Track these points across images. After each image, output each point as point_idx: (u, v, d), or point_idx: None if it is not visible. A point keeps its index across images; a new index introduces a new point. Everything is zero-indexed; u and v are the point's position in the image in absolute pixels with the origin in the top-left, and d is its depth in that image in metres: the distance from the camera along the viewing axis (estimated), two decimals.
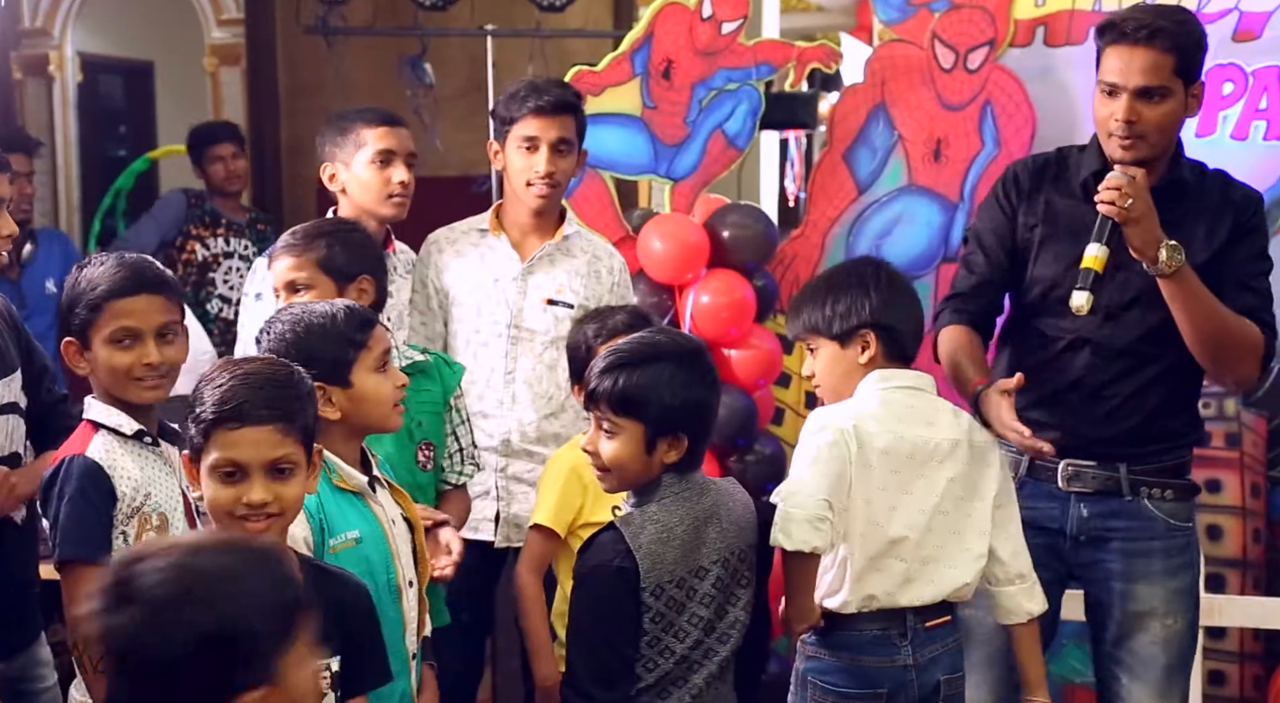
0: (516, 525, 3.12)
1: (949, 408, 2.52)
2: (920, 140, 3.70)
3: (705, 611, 2.28)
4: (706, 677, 2.30)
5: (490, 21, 5.45)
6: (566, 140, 3.13)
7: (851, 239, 3.74)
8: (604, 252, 3.30)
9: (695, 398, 2.30)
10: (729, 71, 3.69)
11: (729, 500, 2.35)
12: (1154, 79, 2.59)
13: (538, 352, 3.16)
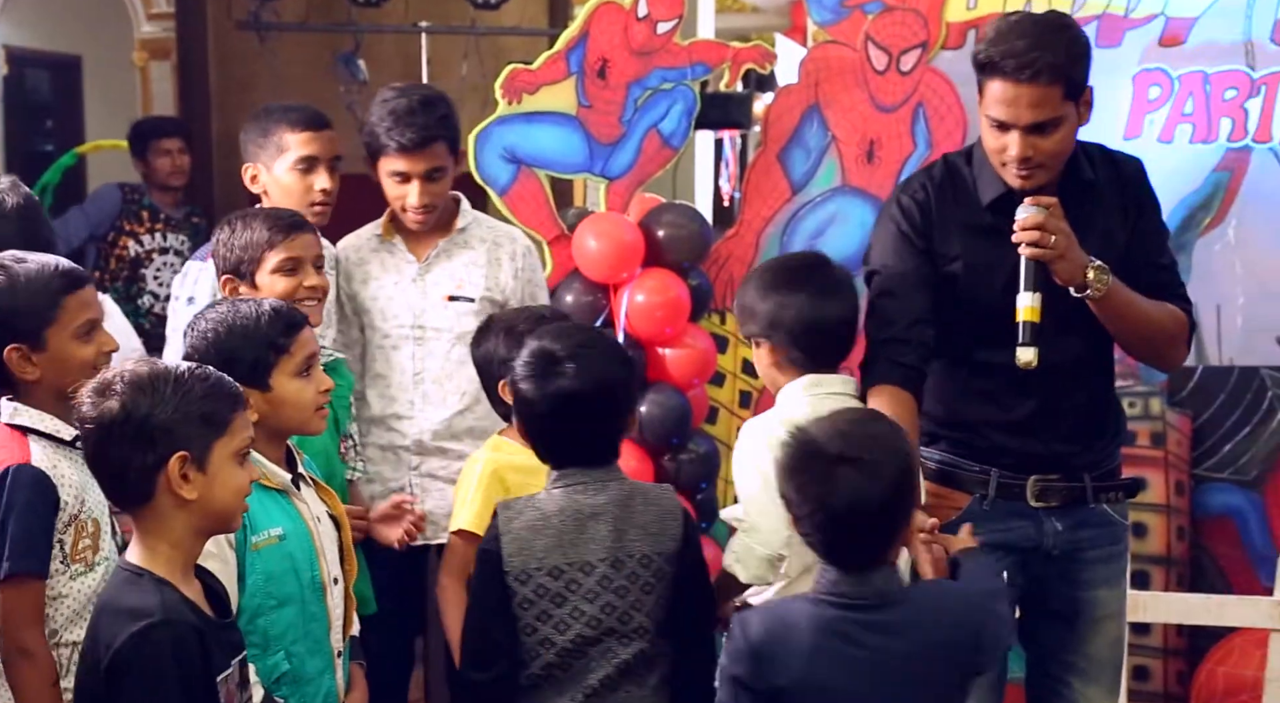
0: (432, 523, 3.13)
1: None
2: (854, 141, 3.72)
3: (590, 607, 2.30)
4: (604, 678, 2.32)
5: (424, 18, 5.43)
6: (438, 168, 3.13)
7: (785, 239, 3.76)
8: (505, 237, 3.29)
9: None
10: (664, 71, 3.69)
11: (640, 504, 2.34)
12: (1045, 114, 2.51)
13: (445, 350, 3.17)
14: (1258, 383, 3.56)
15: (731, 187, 6.94)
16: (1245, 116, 3.50)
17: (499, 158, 3.66)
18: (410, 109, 3.12)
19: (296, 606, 2.37)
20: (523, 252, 3.31)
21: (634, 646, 2.33)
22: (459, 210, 3.27)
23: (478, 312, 3.19)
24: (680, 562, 2.35)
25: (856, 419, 2.20)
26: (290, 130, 3.10)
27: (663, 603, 2.35)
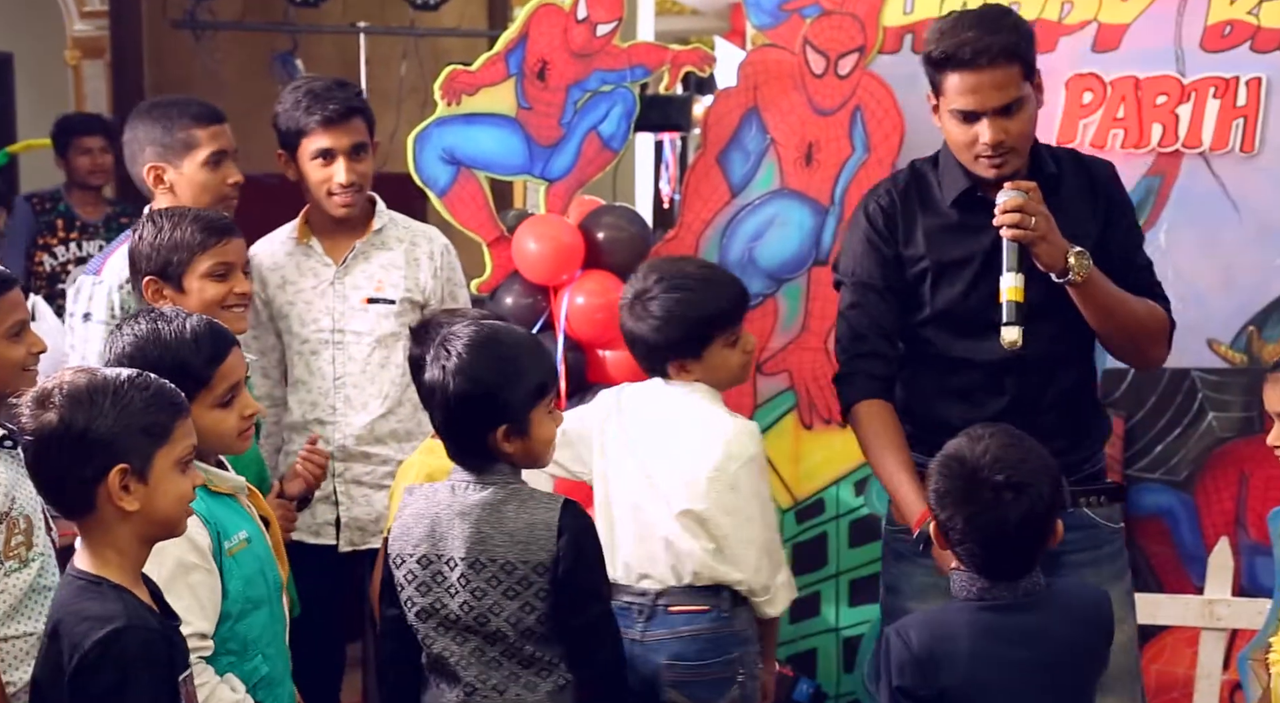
0: (360, 529, 3.12)
1: (692, 408, 2.73)
2: (792, 144, 3.74)
3: (451, 602, 2.34)
4: (478, 674, 2.34)
5: (363, 19, 5.41)
6: (361, 144, 3.12)
7: (725, 241, 3.78)
8: (422, 237, 3.29)
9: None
10: (604, 73, 3.69)
11: (513, 511, 2.32)
12: (1010, 94, 2.58)
13: (365, 354, 3.15)
14: (1188, 385, 3.62)
15: (671, 189, 6.96)
16: (1176, 122, 3.56)
17: (438, 159, 3.65)
18: (327, 87, 3.14)
19: (267, 607, 2.38)
20: (440, 250, 3.29)
21: (499, 647, 2.34)
22: (375, 211, 3.24)
23: (398, 313, 3.17)
24: (552, 575, 2.32)
25: (1005, 442, 2.28)
26: (197, 126, 3.05)
27: (536, 614, 2.33)
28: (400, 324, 3.19)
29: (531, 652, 2.35)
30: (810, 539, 3.79)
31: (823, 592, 3.80)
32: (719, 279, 2.79)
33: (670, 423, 2.66)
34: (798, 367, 3.81)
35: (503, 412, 2.33)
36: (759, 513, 2.68)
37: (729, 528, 2.61)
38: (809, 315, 3.79)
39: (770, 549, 2.66)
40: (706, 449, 2.62)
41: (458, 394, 2.32)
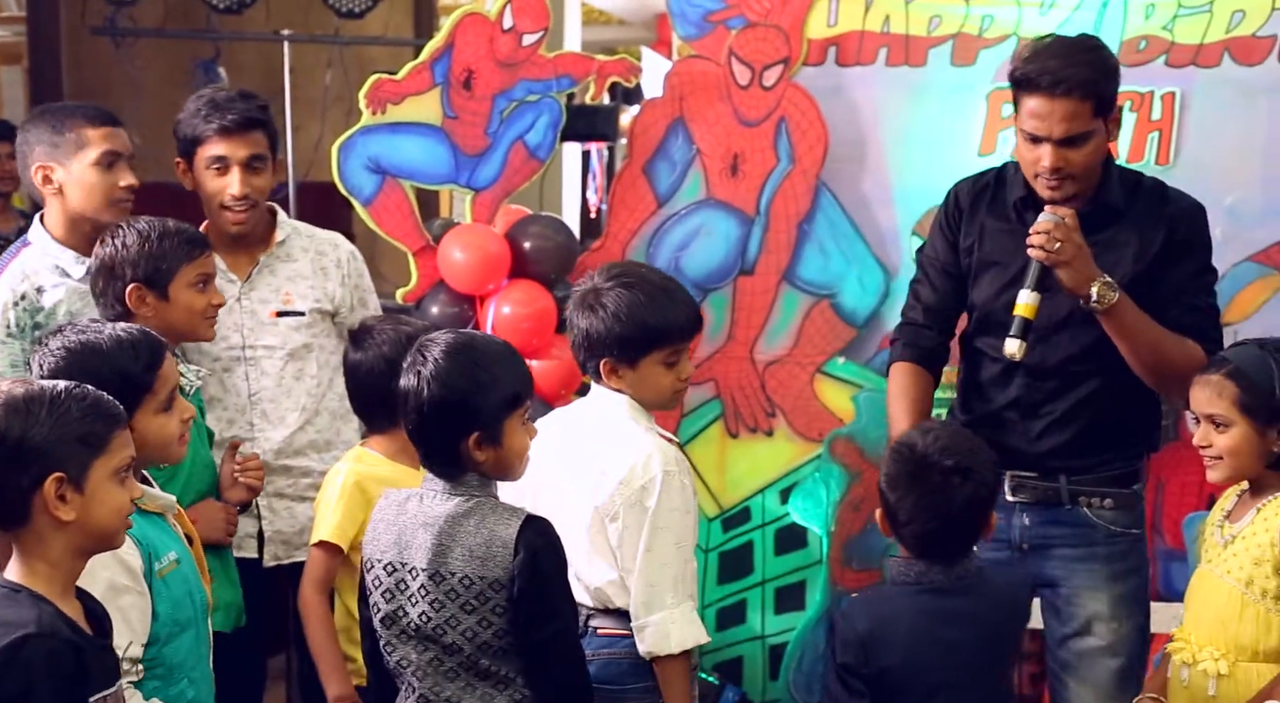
0: (284, 542, 3.09)
1: (610, 427, 2.63)
2: (718, 155, 3.77)
3: (413, 611, 2.34)
4: (433, 686, 2.35)
5: (287, 26, 5.36)
6: (259, 156, 3.08)
7: (651, 251, 3.79)
8: (328, 245, 3.26)
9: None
10: (530, 83, 3.69)
11: (474, 526, 2.31)
12: (1076, 128, 2.66)
13: (278, 368, 3.12)
14: None
15: (599, 199, 6.97)
16: None
17: (363, 168, 3.63)
18: (229, 97, 3.10)
19: (193, 630, 2.35)
20: (347, 257, 3.26)
21: (456, 659, 2.33)
22: (276, 223, 3.20)
23: (309, 324, 3.14)
24: (509, 592, 2.30)
25: (954, 432, 2.54)
26: (89, 126, 2.98)
27: (493, 629, 2.32)
28: (311, 335, 3.16)
29: (488, 666, 2.33)
30: (736, 548, 3.81)
31: (749, 600, 3.82)
32: (677, 294, 2.69)
33: (588, 438, 2.61)
34: (723, 376, 3.83)
35: (475, 419, 2.32)
36: (651, 540, 2.50)
37: (626, 550, 2.52)
38: (735, 325, 3.82)
39: (653, 582, 2.49)
40: (615, 468, 2.54)
41: (432, 400, 2.32)
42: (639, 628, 2.52)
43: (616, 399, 2.62)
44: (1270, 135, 3.56)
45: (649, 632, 2.52)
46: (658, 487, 2.51)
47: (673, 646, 2.51)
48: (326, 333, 3.21)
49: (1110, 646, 2.83)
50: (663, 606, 2.51)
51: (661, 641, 2.51)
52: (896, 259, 3.76)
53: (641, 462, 2.53)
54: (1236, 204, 3.58)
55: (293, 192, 5.03)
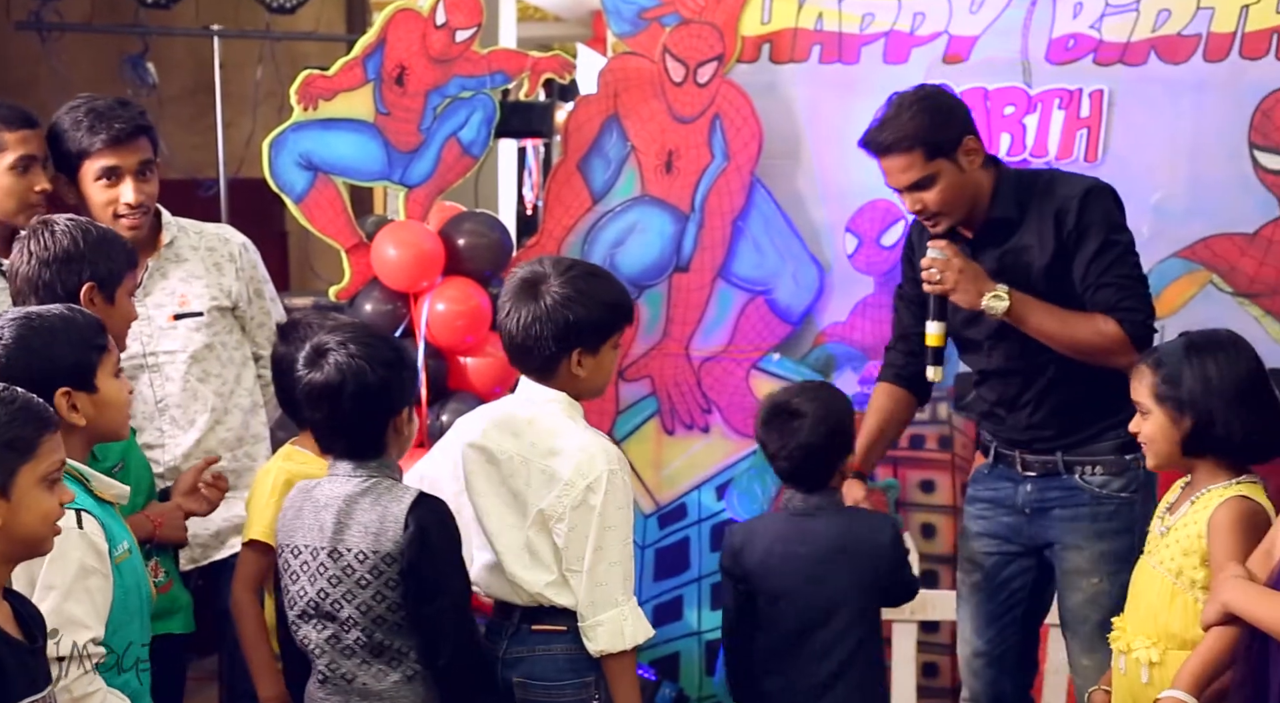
0: (200, 545, 3.05)
1: (546, 424, 2.56)
2: (652, 151, 3.77)
3: (310, 589, 2.44)
4: (329, 663, 2.44)
5: (217, 21, 5.30)
6: (148, 162, 3.05)
7: (586, 248, 3.78)
8: (218, 241, 3.21)
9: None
10: (463, 79, 3.67)
11: (369, 503, 2.40)
12: (915, 176, 2.91)
13: (182, 372, 3.07)
14: None
15: (535, 196, 6.94)
16: (1023, 132, 3.66)
17: (295, 165, 3.60)
18: (110, 106, 3.03)
19: (139, 621, 2.35)
20: (239, 249, 3.22)
21: (351, 635, 2.42)
22: (161, 225, 3.16)
23: (208, 324, 3.10)
24: (400, 567, 2.38)
25: (810, 385, 3.16)
26: (5, 129, 2.94)
27: (386, 603, 2.41)
28: (212, 335, 3.11)
29: (381, 640, 2.42)
30: (672, 544, 3.82)
31: (685, 596, 3.83)
32: (617, 283, 2.70)
33: (525, 437, 2.58)
34: (659, 373, 3.84)
35: (401, 398, 2.49)
36: (600, 539, 2.49)
37: (573, 551, 2.49)
38: (670, 322, 3.82)
39: (602, 581, 2.48)
40: (559, 468, 2.51)
41: (366, 385, 2.41)
42: (590, 627, 2.51)
43: (552, 396, 2.59)
44: (1196, 133, 3.61)
45: (602, 630, 2.50)
46: (604, 485, 2.50)
47: (626, 642, 2.51)
48: (229, 330, 3.16)
49: (1092, 599, 3.00)
50: (614, 604, 2.51)
51: (616, 638, 2.51)
52: (831, 255, 3.79)
53: (586, 461, 2.51)
54: (1163, 201, 3.63)
55: (224, 188, 4.98)
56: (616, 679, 2.53)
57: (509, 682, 2.55)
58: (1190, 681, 2.27)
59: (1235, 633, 2.24)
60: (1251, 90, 3.58)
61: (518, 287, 2.59)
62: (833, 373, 3.81)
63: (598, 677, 2.53)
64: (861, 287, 3.79)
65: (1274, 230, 3.61)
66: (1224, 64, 3.57)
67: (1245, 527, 2.39)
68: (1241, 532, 2.39)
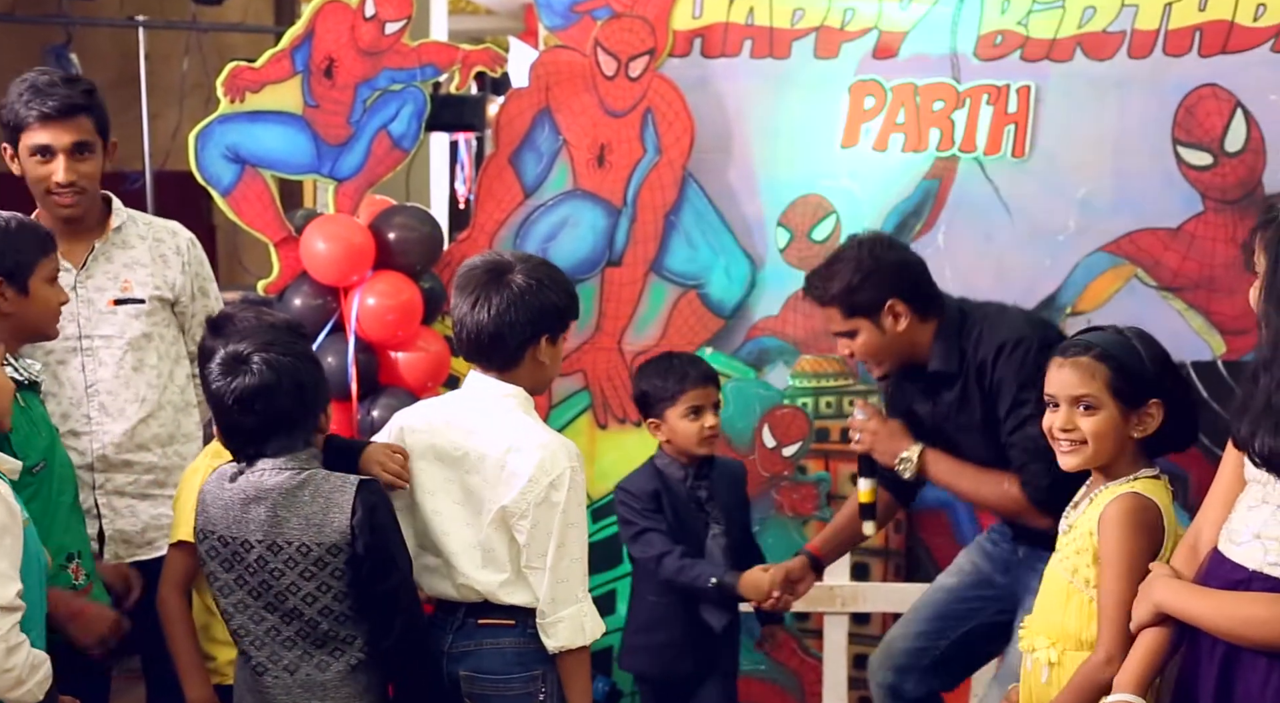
0: (125, 541, 3.00)
1: (503, 420, 2.55)
2: (584, 145, 3.76)
3: (250, 581, 2.42)
4: (270, 655, 2.44)
5: (142, 12, 5.22)
6: (84, 143, 2.99)
7: (518, 242, 3.77)
8: (166, 233, 3.18)
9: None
10: (393, 72, 3.64)
11: (309, 494, 2.39)
12: (834, 327, 3.04)
13: (117, 358, 3.02)
14: None
15: (467, 189, 6.90)
16: (952, 127, 3.69)
17: (222, 157, 3.56)
18: (52, 82, 2.98)
19: (38, 591, 2.35)
20: (186, 244, 3.19)
21: (293, 627, 2.41)
22: (112, 210, 3.12)
23: (149, 312, 3.05)
24: (349, 554, 2.39)
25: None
26: None
27: (332, 592, 2.40)
28: (151, 324, 3.07)
29: (327, 630, 2.41)
30: (605, 538, 3.81)
31: (618, 590, 3.83)
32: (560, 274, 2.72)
33: (480, 433, 2.56)
34: (592, 367, 3.83)
35: (328, 389, 2.55)
36: (563, 536, 2.49)
37: (534, 548, 2.49)
38: (603, 316, 3.82)
39: (564, 577, 2.49)
40: (521, 466, 2.49)
41: (300, 381, 2.43)
42: (551, 624, 2.51)
43: (508, 391, 2.57)
44: (1121, 129, 3.66)
45: (563, 626, 2.51)
46: (566, 482, 2.49)
47: (587, 638, 2.53)
48: (166, 323, 3.12)
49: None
50: (575, 600, 2.52)
51: (576, 634, 2.52)
52: (763, 250, 3.80)
53: (549, 458, 2.50)
54: (1089, 196, 3.68)
55: (149, 181, 4.91)
56: (572, 674, 2.54)
57: (455, 676, 2.53)
58: (1133, 682, 2.25)
59: (1169, 631, 2.24)
60: (1175, 87, 3.64)
61: (482, 277, 2.58)
62: (765, 367, 3.82)
63: (545, 670, 2.53)
64: (793, 281, 3.80)
65: (1197, 225, 3.67)
66: (1148, 61, 3.62)
67: (1133, 523, 2.37)
68: (1129, 528, 2.37)
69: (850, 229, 3.75)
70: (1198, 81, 3.62)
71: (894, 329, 2.98)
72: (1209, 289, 3.66)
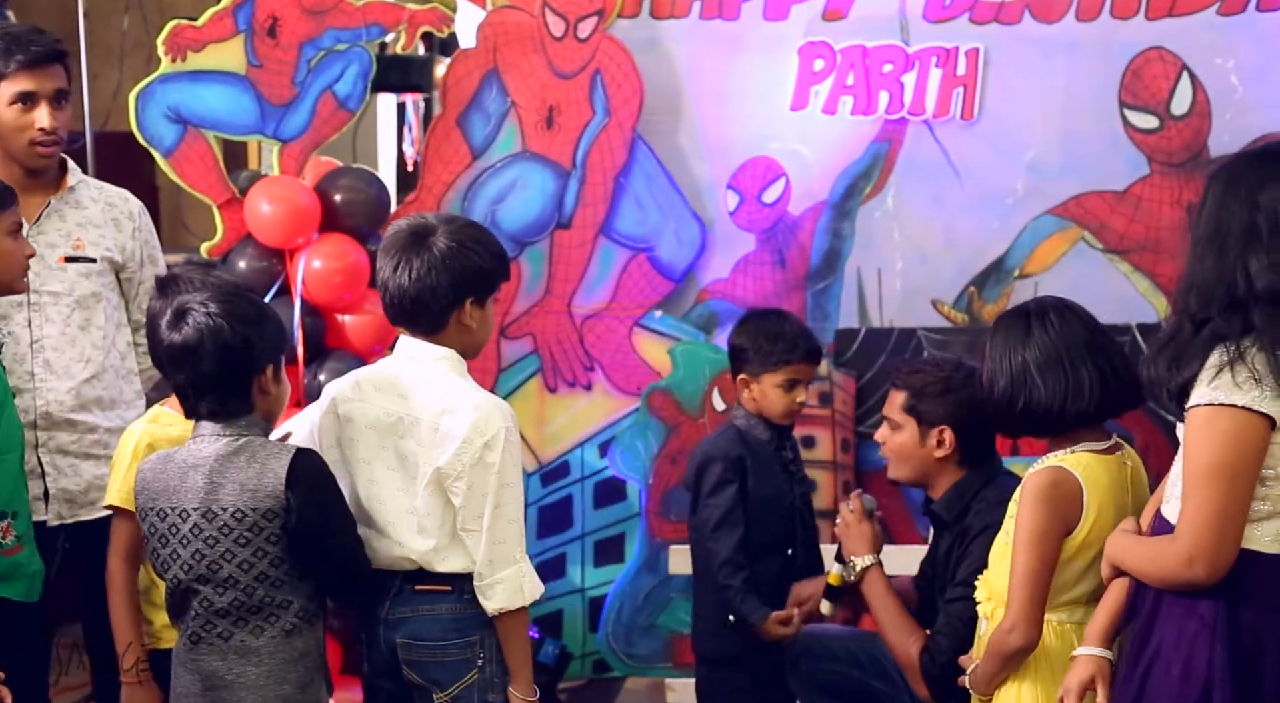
0: (69, 501, 2.97)
1: (436, 383, 2.52)
2: (533, 107, 3.73)
3: (185, 552, 2.41)
4: (205, 624, 2.43)
5: None
6: (64, 91, 2.98)
7: (467, 205, 3.74)
8: (118, 198, 3.14)
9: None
10: (338, 32, 3.59)
11: (244, 460, 2.39)
12: (890, 413, 2.91)
13: (64, 316, 2.99)
14: (915, 343, 3.77)
15: (415, 151, 6.83)
16: (901, 90, 3.69)
17: (163, 118, 3.51)
18: (27, 30, 2.97)
19: None
20: (138, 211, 3.15)
21: (228, 595, 2.41)
22: (68, 169, 3.08)
23: (99, 273, 3.02)
24: (284, 520, 2.38)
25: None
26: None
27: (268, 558, 2.40)
28: (101, 285, 3.03)
29: (262, 596, 2.41)
30: (556, 502, 3.82)
31: (568, 553, 3.83)
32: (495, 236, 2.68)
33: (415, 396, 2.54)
34: (541, 330, 3.82)
35: (265, 354, 2.45)
36: (499, 497, 2.47)
37: (470, 509, 2.45)
38: (552, 278, 3.80)
39: (501, 538, 2.47)
40: (455, 427, 2.45)
41: (226, 343, 2.39)
42: (489, 585, 2.48)
43: (440, 354, 2.54)
44: (1068, 92, 3.68)
45: (501, 588, 2.48)
46: (501, 443, 2.46)
47: (525, 598, 2.51)
48: (112, 287, 3.08)
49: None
50: (513, 561, 2.49)
51: (515, 595, 2.49)
52: (712, 212, 3.79)
53: (483, 418, 2.47)
54: (1036, 159, 3.70)
55: (90, 142, 4.82)
56: (510, 636, 2.52)
57: (393, 643, 2.52)
58: (1098, 635, 2.28)
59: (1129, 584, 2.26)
60: (1121, 50, 3.65)
61: (405, 240, 2.54)
62: (715, 330, 3.82)
63: (483, 635, 2.52)
64: (743, 244, 3.80)
65: (1143, 188, 3.69)
66: (1095, 24, 3.63)
67: (1040, 497, 2.40)
68: (1034, 502, 2.40)
69: (800, 192, 3.76)
70: (1145, 45, 3.63)
71: (930, 450, 2.91)
72: (1155, 252, 3.69)
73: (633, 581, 3.77)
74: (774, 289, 3.77)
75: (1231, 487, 1.99)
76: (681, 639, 3.74)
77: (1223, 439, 1.99)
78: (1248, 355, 1.98)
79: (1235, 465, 1.99)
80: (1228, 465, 1.99)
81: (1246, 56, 3.63)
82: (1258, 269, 1.99)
